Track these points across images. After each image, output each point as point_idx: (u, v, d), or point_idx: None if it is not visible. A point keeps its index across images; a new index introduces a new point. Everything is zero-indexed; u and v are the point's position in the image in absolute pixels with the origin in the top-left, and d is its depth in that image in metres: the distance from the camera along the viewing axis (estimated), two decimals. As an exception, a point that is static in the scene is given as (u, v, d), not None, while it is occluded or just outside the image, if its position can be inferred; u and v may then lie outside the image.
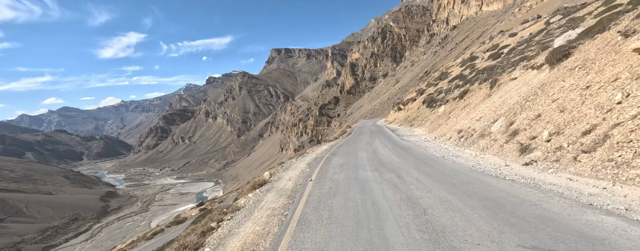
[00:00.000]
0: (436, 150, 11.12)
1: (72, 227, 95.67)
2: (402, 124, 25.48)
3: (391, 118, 33.88)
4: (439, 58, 66.94)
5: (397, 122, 28.55)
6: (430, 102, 21.75)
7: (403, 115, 28.51)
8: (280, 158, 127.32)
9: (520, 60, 15.13)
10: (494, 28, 46.43)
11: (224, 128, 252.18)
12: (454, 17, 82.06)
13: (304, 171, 10.16)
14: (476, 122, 12.13)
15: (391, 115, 35.72)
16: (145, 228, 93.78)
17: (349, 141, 19.09)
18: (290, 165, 13.00)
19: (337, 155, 12.77)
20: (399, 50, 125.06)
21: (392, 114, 35.61)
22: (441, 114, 18.20)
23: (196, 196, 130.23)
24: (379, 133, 21.58)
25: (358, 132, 26.43)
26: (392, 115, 35.04)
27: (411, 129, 20.73)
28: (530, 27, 24.42)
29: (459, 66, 27.41)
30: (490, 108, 12.49)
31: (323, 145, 20.43)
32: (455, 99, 18.02)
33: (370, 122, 46.01)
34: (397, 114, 32.08)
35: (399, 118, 29.23)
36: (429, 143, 13.39)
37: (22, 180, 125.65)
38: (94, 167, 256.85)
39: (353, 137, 22.41)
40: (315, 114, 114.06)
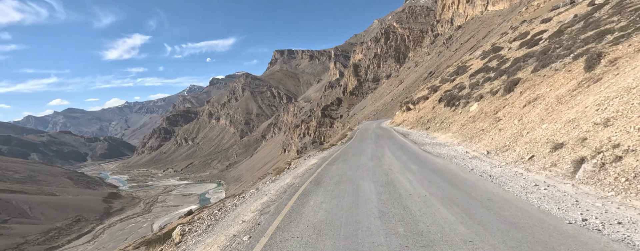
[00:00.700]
0: (535, 194, 5.31)
1: (75, 228, 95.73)
2: (413, 127, 22.13)
3: (398, 119, 30.83)
4: (444, 58, 66.02)
5: (407, 124, 25.30)
6: (450, 99, 18.12)
7: (414, 116, 25.33)
8: (283, 159, 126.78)
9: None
10: (500, 27, 45.58)
11: (226, 130, 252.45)
12: (459, 17, 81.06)
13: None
14: (601, 127, 6.07)
15: (398, 116, 32.55)
16: (148, 230, 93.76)
17: (347, 152, 13.73)
18: (222, 215, 6.99)
19: (320, 186, 7.18)
20: (402, 50, 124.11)
21: (399, 115, 32.62)
22: (475, 115, 13.74)
23: (198, 198, 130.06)
24: (388, 139, 17.47)
25: (361, 137, 21.89)
26: (399, 116, 31.95)
27: (429, 134, 16.99)
28: (567, 11, 21.29)
29: (480, 59, 24.17)
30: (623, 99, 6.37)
31: (312, 159, 14.42)
32: (495, 94, 13.86)
33: (374, 123, 42.73)
34: (406, 115, 28.94)
35: (409, 119, 26.22)
36: (484, 165, 8.04)
37: (26, 181, 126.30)
38: (98, 167, 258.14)
39: (354, 143, 17.52)
40: (318, 115, 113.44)
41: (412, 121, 24.34)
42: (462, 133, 13.21)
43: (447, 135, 14.51)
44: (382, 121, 45.00)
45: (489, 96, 14.34)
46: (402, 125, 26.45)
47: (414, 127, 21.86)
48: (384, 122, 41.31)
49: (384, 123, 37.81)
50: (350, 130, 36.86)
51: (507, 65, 16.44)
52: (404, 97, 35.71)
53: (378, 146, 14.29)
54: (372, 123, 45.10)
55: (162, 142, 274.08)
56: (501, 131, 10.31)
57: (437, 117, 18.77)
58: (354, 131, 32.83)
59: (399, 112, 33.71)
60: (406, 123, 25.92)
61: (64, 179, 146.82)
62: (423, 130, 18.95)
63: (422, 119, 21.48)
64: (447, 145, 12.46)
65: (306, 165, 11.83)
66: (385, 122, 38.44)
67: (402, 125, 26.68)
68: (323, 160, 12.34)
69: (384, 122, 41.88)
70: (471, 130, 12.71)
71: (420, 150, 11.64)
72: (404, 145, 13.60)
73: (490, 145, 9.86)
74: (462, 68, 25.49)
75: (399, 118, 30.93)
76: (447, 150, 11.16)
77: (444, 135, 14.85)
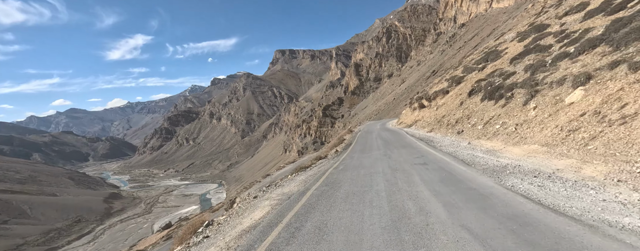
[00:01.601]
0: None
1: (75, 229, 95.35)
2: (434, 129, 17.10)
3: (408, 119, 26.09)
4: (447, 57, 64.98)
5: (422, 125, 20.36)
6: (492, 91, 13.28)
7: (431, 115, 20.46)
8: (284, 159, 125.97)
9: None
10: (505, 25, 44.58)
11: (228, 130, 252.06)
12: (462, 15, 79.89)
13: None
14: None
15: (407, 115, 27.71)
16: (148, 231, 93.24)
17: (336, 183, 7.23)
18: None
19: None
20: (404, 50, 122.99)
21: (407, 113, 27.94)
22: (583, 109, 7.41)
23: (199, 198, 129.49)
24: (404, 148, 11.89)
25: (363, 144, 16.26)
26: (408, 115, 27.23)
27: (471, 142, 10.89)
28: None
29: (517, 41, 18.70)
30: None
31: (290, 183, 8.91)
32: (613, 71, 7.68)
33: (377, 124, 37.53)
34: (419, 113, 24.23)
35: (425, 119, 21.22)
36: None
37: (27, 181, 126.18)
38: (100, 168, 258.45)
39: (352, 157, 11.50)
40: (319, 115, 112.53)
41: (429, 121, 19.60)
42: (552, 144, 7.20)
43: (514, 147, 8.43)
44: (387, 121, 40.75)
45: (603, 76, 7.74)
46: (415, 127, 21.41)
47: (435, 130, 16.99)
48: (389, 122, 37.25)
49: (389, 123, 33.97)
50: (350, 133, 31.24)
51: (592, 35, 10.68)
52: (413, 94, 29.20)
53: (395, 167, 8.11)
54: (375, 123, 40.21)
55: (164, 142, 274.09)
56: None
57: (473, 115, 13.80)
58: (354, 134, 27.42)
59: (407, 110, 29.21)
60: (421, 123, 21.04)
61: (65, 179, 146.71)
62: (452, 134, 13.92)
63: (446, 119, 16.69)
64: (542, 171, 5.94)
65: (237, 229, 5.29)
66: (391, 122, 34.45)
67: (416, 126, 21.68)
68: (283, 207, 5.83)
69: (388, 122, 37.84)
70: (582, 140, 6.46)
71: (507, 195, 4.82)
72: (447, 169, 7.13)
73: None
74: (494, 54, 19.97)
75: (408, 118, 26.33)
76: (579, 193, 4.58)
77: (505, 146, 8.79)
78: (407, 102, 37.37)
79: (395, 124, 30.07)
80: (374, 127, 30.48)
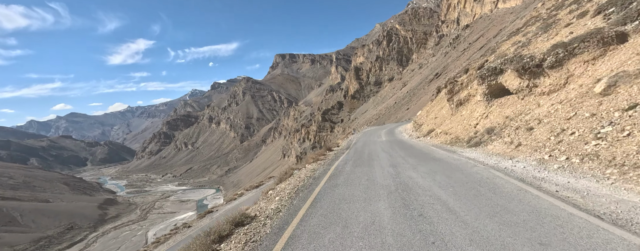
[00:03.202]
0: None
1: (67, 237, 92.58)
2: (540, 156, 6.74)
3: (439, 125, 16.85)
4: (451, 59, 62.88)
5: (470, 138, 11.44)
6: None
7: (499, 119, 10.73)
8: (283, 164, 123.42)
9: None
10: (513, 25, 42.42)
11: (227, 134, 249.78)
12: (466, 16, 78.00)
13: None
14: None
15: (427, 118, 20.20)
16: (142, 239, 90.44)
17: None
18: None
19: None
20: (405, 53, 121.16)
21: (430, 116, 19.99)
22: None
23: (196, 204, 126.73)
24: None
25: (350, 182, 7.14)
26: (431, 118, 19.49)
27: None
28: None
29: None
30: None
31: None
32: None
33: (380, 130, 28.65)
34: (457, 118, 14.96)
35: (479, 127, 11.98)
36: None
37: (20, 187, 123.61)
38: (98, 172, 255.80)
39: None
40: (318, 120, 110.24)
41: (498, 130, 10.04)
42: None
43: None
44: (393, 126, 31.17)
45: None
46: (452, 143, 12.39)
47: (540, 157, 6.79)
48: (398, 127, 28.40)
49: (398, 129, 25.18)
50: (344, 140, 22.21)
51: None
52: (451, 76, 18.81)
53: None
54: (377, 130, 30.69)
55: (162, 146, 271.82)
56: None
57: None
58: (348, 143, 19.51)
59: (426, 110, 21.46)
60: (470, 135, 11.68)
61: (60, 185, 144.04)
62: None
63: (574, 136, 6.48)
64: None
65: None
66: (400, 128, 26.04)
67: (451, 140, 13.05)
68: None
69: (397, 127, 28.76)
70: None
71: None
72: None
73: None
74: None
75: (436, 124, 17.36)
76: None
77: None
78: (433, 92, 27.35)
79: (411, 133, 20.58)
80: (375, 137, 20.92)
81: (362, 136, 25.42)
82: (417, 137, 17.97)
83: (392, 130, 26.44)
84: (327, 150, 16.42)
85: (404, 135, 21.35)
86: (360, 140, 21.26)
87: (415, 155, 10.58)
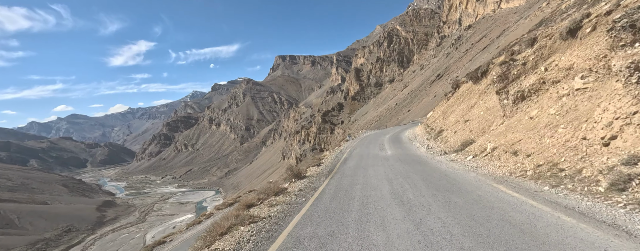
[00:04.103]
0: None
1: (64, 239, 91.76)
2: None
3: (475, 134, 12.11)
4: (453, 60, 62.04)
5: (609, 170, 5.13)
6: None
7: None
8: (283, 166, 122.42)
9: None
10: (516, 25, 41.61)
11: (227, 135, 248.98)
12: (468, 17, 77.29)
13: None
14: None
15: (449, 122, 15.76)
16: (140, 241, 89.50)
17: None
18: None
19: None
20: (406, 54, 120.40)
21: (450, 119, 16.03)
22: None
23: (195, 206, 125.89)
24: None
25: None
26: (453, 123, 15.14)
27: None
28: None
29: None
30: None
31: None
32: None
33: (383, 136, 23.51)
34: (526, 121, 9.42)
35: (617, 143, 5.43)
36: None
37: (18, 189, 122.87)
38: (97, 174, 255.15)
39: None
40: (318, 121, 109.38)
41: None
42: None
43: None
44: (398, 132, 24.93)
45: None
46: (543, 178, 6.33)
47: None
48: (403, 131, 23.58)
49: (407, 136, 19.72)
50: (319, 163, 14.11)
51: None
52: (520, 41, 12.49)
53: None
54: (377, 136, 25.30)
55: (162, 148, 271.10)
56: None
57: None
58: (322, 171, 11.47)
59: (441, 111, 17.66)
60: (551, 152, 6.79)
61: (59, 187, 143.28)
62: None
63: None
64: None
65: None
66: (408, 134, 20.67)
67: (587, 182, 5.44)
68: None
69: (402, 132, 23.71)
70: None
71: None
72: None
73: None
74: None
75: (474, 132, 12.17)
76: None
77: None
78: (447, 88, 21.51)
79: (426, 140, 16.16)
80: (376, 150, 15.27)
81: (358, 146, 18.92)
82: (443, 153, 11.45)
83: (398, 137, 20.69)
84: (292, 178, 10.06)
85: (416, 146, 15.17)
86: (355, 153, 15.24)
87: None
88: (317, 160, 15.67)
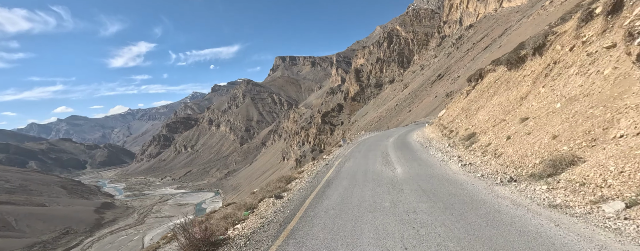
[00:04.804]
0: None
1: (62, 242, 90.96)
2: None
3: (571, 145, 5.95)
4: (454, 60, 61.36)
5: None
6: None
7: None
8: (283, 167, 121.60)
9: None
10: (519, 24, 40.95)
11: (226, 137, 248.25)
12: (469, 16, 76.69)
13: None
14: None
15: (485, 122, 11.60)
16: (138, 244, 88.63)
17: None
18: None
19: None
20: (406, 55, 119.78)
21: (487, 119, 11.63)
22: None
23: (195, 208, 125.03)
24: None
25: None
26: (493, 124, 10.73)
27: None
28: None
29: None
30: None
31: None
32: None
33: (386, 140, 18.61)
34: None
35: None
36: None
37: (16, 191, 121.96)
38: (97, 175, 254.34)
39: None
40: (318, 122, 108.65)
41: None
42: None
43: None
44: (404, 134, 20.99)
45: None
46: None
47: None
48: (410, 134, 19.99)
49: (417, 140, 15.88)
50: (279, 193, 8.59)
51: None
52: None
53: None
54: (379, 140, 20.07)
55: (162, 149, 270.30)
56: None
57: None
58: (270, 221, 6.23)
59: (460, 108, 15.39)
60: None
61: (57, 188, 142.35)
62: None
63: None
64: None
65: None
66: (418, 137, 16.77)
67: None
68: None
69: (408, 134, 19.93)
70: None
71: None
72: None
73: None
74: None
75: (573, 145, 5.92)
76: None
77: None
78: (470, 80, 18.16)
79: (447, 146, 12.12)
80: (376, 165, 10.47)
81: (353, 155, 14.13)
82: (506, 179, 6.43)
83: (405, 141, 16.28)
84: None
85: (437, 156, 10.52)
86: (345, 170, 10.48)
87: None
88: (282, 183, 9.97)
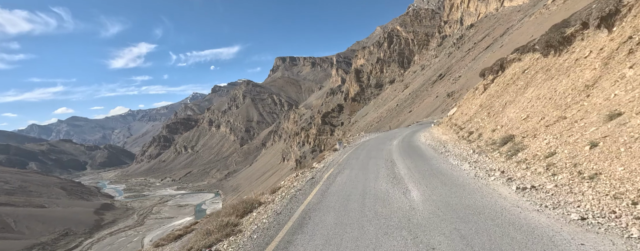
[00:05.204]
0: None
1: (61, 243, 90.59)
2: None
3: None
4: (455, 60, 60.97)
5: None
6: None
7: None
8: (283, 168, 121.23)
9: None
10: (521, 23, 40.54)
11: (226, 137, 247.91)
12: (470, 16, 76.31)
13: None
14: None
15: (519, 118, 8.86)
16: (137, 245, 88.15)
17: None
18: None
19: None
20: (406, 55, 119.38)
21: (529, 117, 8.35)
22: None
23: (195, 209, 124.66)
24: None
25: None
26: (540, 118, 7.67)
27: None
28: None
29: None
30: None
31: None
32: None
33: (389, 144, 15.93)
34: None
35: None
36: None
37: (15, 192, 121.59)
38: (97, 176, 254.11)
39: None
40: (318, 123, 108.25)
41: None
42: None
43: None
44: (409, 135, 19.01)
45: None
46: None
47: None
48: (417, 134, 18.18)
49: (427, 142, 13.78)
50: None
51: None
52: None
53: None
54: (381, 142, 17.95)
55: (162, 150, 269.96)
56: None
57: None
58: None
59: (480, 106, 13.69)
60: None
61: (57, 189, 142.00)
62: None
63: None
64: None
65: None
66: (428, 140, 14.31)
67: None
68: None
69: (414, 135, 18.08)
70: None
71: None
72: None
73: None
74: None
75: None
76: None
77: None
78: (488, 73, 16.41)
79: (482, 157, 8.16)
80: (379, 183, 7.13)
81: (349, 163, 11.22)
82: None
83: (413, 144, 13.76)
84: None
85: (463, 169, 7.46)
86: (335, 186, 7.67)
87: None
88: (233, 217, 6.56)
